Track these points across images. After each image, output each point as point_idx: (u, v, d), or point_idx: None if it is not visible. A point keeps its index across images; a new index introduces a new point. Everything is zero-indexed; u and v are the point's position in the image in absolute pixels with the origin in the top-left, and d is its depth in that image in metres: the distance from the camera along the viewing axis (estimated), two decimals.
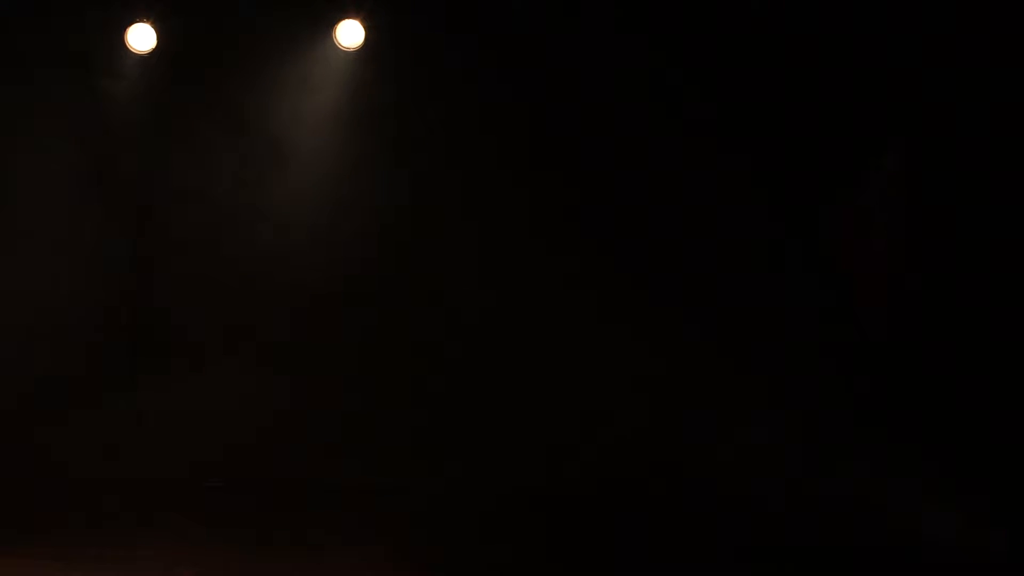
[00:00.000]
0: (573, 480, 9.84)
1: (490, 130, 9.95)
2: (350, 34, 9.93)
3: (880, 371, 9.56)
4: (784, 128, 9.82)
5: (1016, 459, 9.22)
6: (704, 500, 9.60)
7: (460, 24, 9.90)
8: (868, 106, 9.76)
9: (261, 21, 9.94)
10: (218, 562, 8.31)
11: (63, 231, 10.10)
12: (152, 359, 10.13)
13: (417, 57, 9.97)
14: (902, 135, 9.74)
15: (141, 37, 9.87)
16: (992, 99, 9.50)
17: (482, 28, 9.91)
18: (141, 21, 9.83)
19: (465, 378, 9.98)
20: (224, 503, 9.68)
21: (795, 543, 9.16)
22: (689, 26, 9.85)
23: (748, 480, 9.59)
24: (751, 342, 9.79)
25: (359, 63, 10.01)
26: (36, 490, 9.76)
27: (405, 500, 9.72)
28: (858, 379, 9.62)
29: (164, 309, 10.15)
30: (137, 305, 10.16)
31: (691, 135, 9.84)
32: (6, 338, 10.04)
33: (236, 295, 10.09)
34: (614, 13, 9.87)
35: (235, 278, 10.07)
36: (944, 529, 9.10)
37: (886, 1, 9.63)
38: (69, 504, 9.61)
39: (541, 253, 9.91)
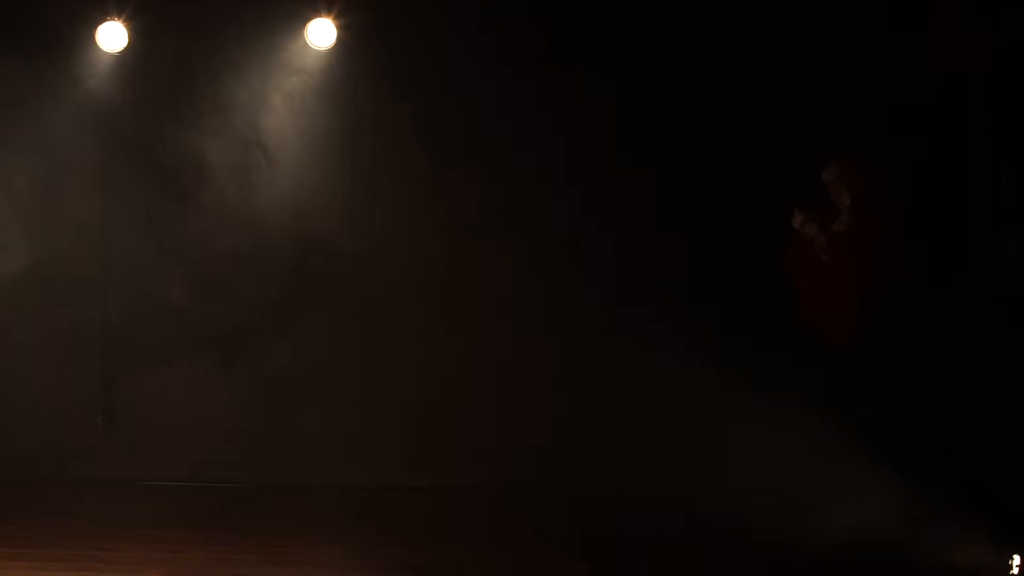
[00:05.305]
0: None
1: (465, 126, 9.92)
2: (322, 33, 9.92)
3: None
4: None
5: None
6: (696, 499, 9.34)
7: (431, 22, 9.85)
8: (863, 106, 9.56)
9: (233, 21, 9.96)
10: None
11: (39, 231, 10.18)
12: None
13: (389, 56, 9.93)
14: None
15: (112, 36, 9.88)
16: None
17: (456, 26, 9.84)
18: (112, 20, 9.84)
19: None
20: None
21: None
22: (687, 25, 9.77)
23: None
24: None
25: (331, 62, 10.01)
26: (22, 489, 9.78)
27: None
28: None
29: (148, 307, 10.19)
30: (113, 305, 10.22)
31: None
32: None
33: (216, 293, 10.13)
34: (604, 8, 9.85)
35: (214, 275, 10.11)
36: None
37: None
38: (53, 504, 9.54)
39: (508, 244, 9.91)
